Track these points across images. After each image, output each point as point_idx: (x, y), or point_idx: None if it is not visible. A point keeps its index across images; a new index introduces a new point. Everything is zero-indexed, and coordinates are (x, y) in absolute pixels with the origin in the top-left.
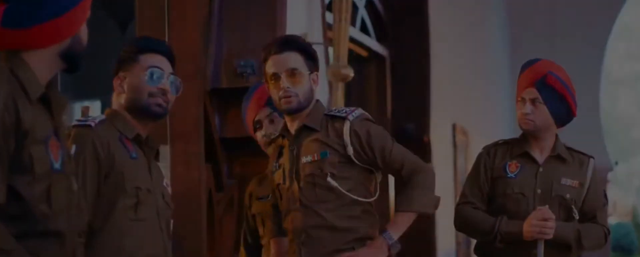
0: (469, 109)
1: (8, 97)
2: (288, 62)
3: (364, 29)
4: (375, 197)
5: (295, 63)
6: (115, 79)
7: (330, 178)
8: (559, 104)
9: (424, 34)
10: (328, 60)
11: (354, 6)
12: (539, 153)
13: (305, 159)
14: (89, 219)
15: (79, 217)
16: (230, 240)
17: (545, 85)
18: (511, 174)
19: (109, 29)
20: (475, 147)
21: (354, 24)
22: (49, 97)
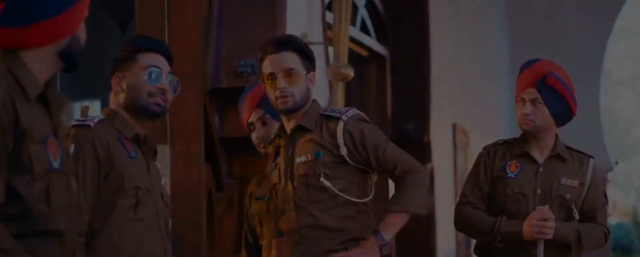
0: (469, 109)
1: (6, 96)
2: (285, 62)
3: (364, 29)
4: (369, 197)
5: (292, 63)
6: (113, 78)
7: (323, 178)
8: (559, 104)
9: (424, 34)
10: (328, 60)
11: (354, 6)
12: (539, 153)
13: (299, 159)
14: (89, 219)
15: (78, 217)
16: (230, 240)
17: (545, 85)
18: (511, 174)
19: (109, 29)
20: (475, 147)
21: (354, 23)
22: (47, 96)
